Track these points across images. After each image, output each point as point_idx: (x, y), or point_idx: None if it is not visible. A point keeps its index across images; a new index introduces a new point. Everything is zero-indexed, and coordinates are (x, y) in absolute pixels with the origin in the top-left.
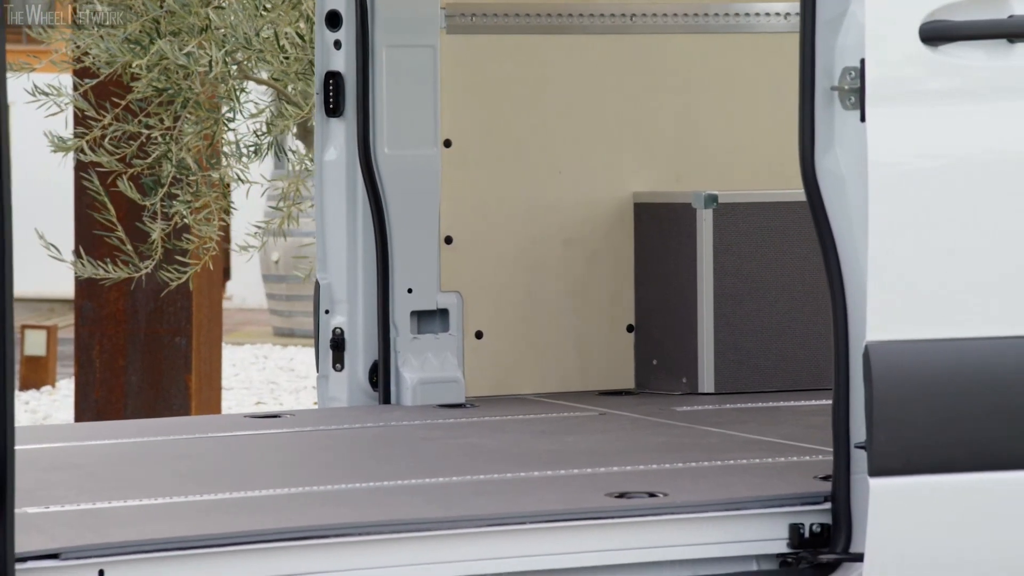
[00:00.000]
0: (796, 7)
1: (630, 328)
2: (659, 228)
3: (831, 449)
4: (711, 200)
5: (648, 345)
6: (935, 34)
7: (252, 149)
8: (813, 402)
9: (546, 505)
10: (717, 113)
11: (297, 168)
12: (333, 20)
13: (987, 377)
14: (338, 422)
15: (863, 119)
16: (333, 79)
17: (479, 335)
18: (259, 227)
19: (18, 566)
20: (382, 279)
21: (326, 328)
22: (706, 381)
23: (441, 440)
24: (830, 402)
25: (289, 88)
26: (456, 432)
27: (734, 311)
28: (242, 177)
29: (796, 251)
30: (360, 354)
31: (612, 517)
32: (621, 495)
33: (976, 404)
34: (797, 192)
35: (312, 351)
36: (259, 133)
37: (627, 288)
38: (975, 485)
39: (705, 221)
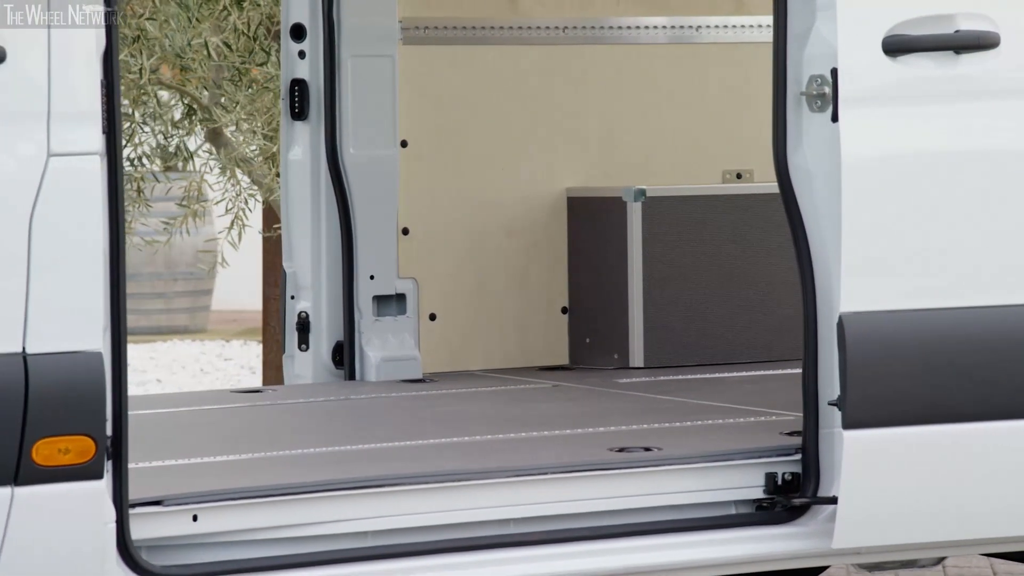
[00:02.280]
0: (711, 20)
1: (564, 310)
2: (591, 220)
3: (783, 411)
4: (640, 194)
5: (581, 325)
6: (895, 46)
7: (172, 151)
8: (738, 374)
9: (561, 459)
10: (640, 115)
11: (200, 168)
12: (298, 32)
13: (946, 342)
14: (324, 395)
15: (835, 119)
16: (298, 86)
17: (432, 317)
18: (166, 224)
19: (130, 511)
20: (347, 267)
21: (292, 312)
22: (636, 356)
23: (429, 408)
24: (753, 373)
25: (193, 88)
26: (436, 402)
27: (661, 293)
28: (157, 177)
29: (715, 239)
30: (324, 335)
31: (619, 468)
32: (621, 450)
33: (937, 366)
34: (717, 187)
35: (139, 348)
36: (167, 135)
37: (561, 274)
38: (936, 436)
39: (635, 213)
